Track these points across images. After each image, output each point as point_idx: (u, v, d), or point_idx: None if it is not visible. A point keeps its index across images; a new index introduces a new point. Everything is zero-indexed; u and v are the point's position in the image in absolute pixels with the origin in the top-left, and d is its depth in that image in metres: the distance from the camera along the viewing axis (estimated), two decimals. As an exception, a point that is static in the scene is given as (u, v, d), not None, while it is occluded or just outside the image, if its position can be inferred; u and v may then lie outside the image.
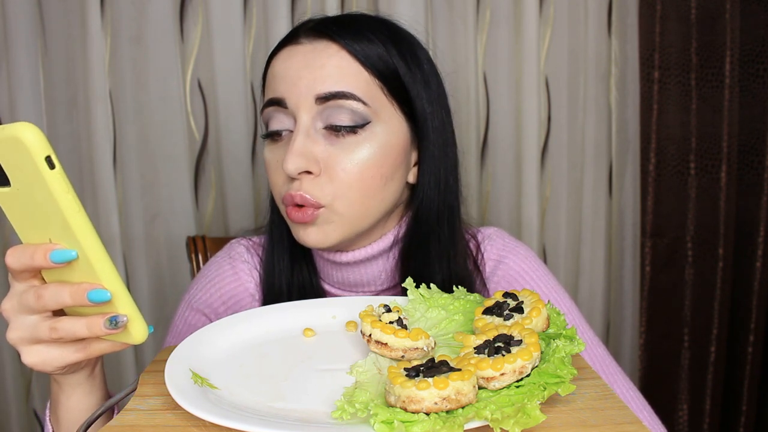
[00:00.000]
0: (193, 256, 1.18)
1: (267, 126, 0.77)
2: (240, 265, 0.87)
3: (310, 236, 0.75)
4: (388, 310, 0.59)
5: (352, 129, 0.73)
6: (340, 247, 0.79)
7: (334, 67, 0.73)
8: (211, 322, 0.85)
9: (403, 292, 0.68)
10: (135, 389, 0.55)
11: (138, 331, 0.52)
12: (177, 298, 0.91)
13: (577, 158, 1.47)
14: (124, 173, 1.30)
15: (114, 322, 0.50)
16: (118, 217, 1.28)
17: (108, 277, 0.50)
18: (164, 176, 1.32)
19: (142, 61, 1.28)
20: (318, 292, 0.84)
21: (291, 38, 0.78)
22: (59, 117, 1.28)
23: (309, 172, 0.73)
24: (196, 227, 1.34)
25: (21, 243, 0.53)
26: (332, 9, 1.28)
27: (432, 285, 0.67)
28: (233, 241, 0.92)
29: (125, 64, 1.27)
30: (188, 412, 0.47)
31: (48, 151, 0.45)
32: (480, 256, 0.86)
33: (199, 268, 1.14)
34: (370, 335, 0.56)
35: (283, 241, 0.84)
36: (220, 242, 1.12)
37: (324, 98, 0.72)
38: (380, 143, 0.74)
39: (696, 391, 1.64)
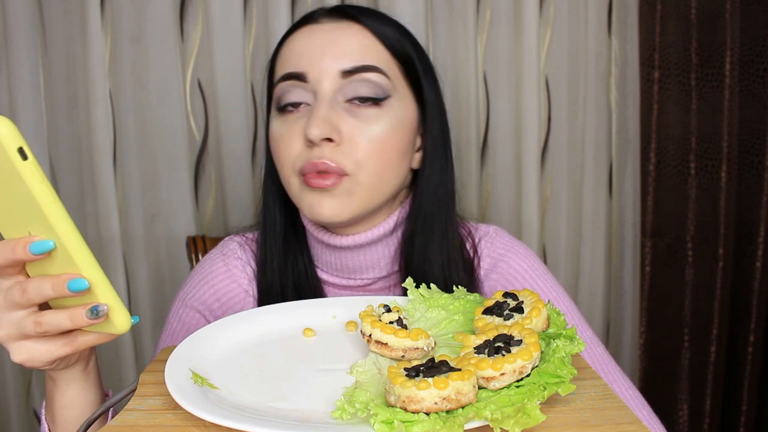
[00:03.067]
0: (193, 256, 1.18)
1: (280, 100, 0.79)
2: (233, 262, 0.87)
3: (324, 208, 0.75)
4: (388, 310, 0.59)
5: (375, 101, 0.76)
6: (345, 226, 0.80)
7: (358, 43, 0.76)
8: (206, 319, 0.86)
9: (403, 291, 0.68)
10: (135, 389, 0.55)
11: (120, 320, 0.52)
12: (177, 298, 0.91)
13: (577, 158, 1.47)
14: (124, 173, 1.30)
15: (95, 312, 0.51)
16: (118, 217, 1.28)
17: (86, 266, 0.50)
18: (164, 176, 1.32)
19: (142, 61, 1.28)
20: (313, 281, 0.84)
21: (308, 19, 0.80)
22: (59, 117, 1.28)
23: (330, 140, 0.74)
24: (196, 227, 1.34)
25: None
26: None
27: (432, 285, 0.67)
28: (226, 238, 0.92)
29: (125, 64, 1.27)
30: (188, 412, 0.47)
31: (20, 142, 0.46)
32: (476, 258, 0.86)
33: (199, 268, 1.14)
34: (370, 335, 0.56)
35: (276, 226, 0.84)
36: (220, 242, 1.12)
37: (350, 71, 0.75)
38: (398, 118, 0.77)
39: (696, 391, 1.64)
